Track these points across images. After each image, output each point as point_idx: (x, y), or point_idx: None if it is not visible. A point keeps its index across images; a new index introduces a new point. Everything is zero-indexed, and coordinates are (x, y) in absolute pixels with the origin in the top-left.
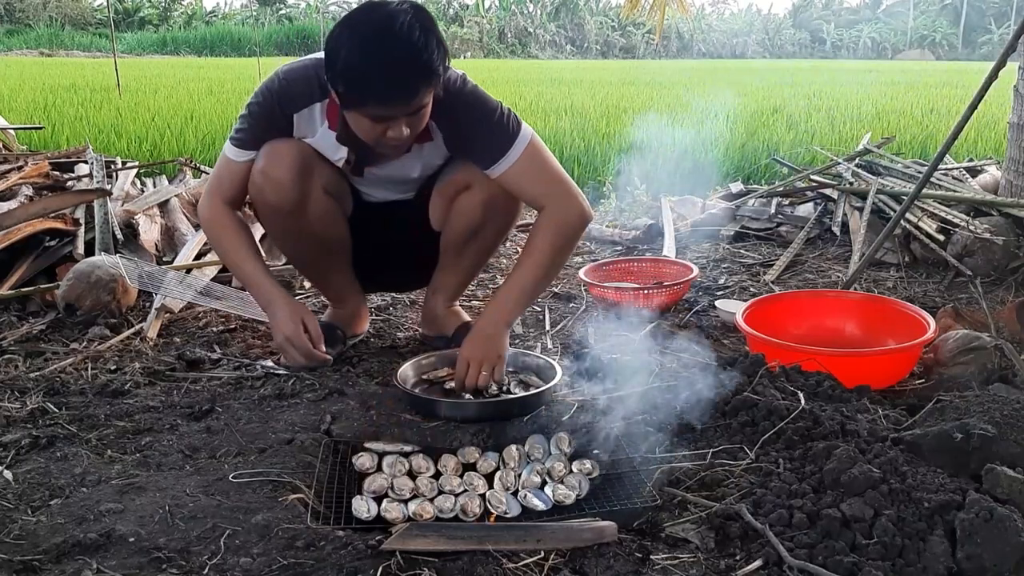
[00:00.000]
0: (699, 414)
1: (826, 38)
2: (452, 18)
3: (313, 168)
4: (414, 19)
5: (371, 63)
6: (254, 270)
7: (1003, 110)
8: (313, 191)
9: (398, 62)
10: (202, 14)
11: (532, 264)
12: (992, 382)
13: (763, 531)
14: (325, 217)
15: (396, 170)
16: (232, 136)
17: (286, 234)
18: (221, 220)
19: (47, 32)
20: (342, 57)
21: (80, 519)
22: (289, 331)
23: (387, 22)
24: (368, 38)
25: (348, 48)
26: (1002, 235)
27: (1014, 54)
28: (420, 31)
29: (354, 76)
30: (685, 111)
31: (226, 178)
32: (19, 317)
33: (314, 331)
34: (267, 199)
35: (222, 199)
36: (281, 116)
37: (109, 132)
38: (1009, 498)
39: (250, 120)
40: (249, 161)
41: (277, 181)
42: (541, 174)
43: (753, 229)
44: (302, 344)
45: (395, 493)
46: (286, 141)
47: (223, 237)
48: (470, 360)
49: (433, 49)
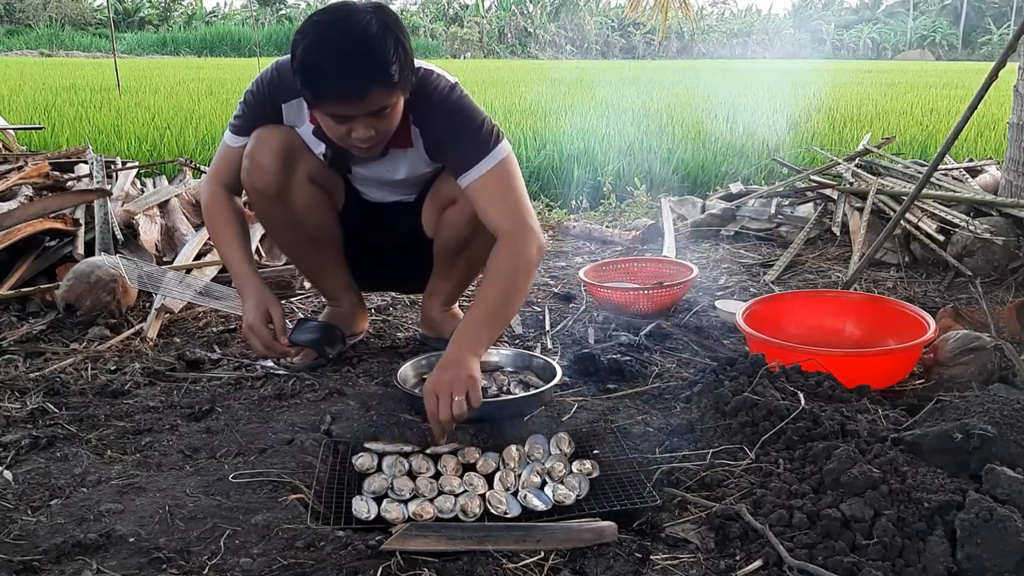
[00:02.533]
0: (699, 414)
1: (826, 38)
2: (452, 18)
3: (298, 156)
4: (375, 19)
5: (324, 60)
6: (235, 256)
7: (1003, 110)
8: (296, 178)
9: (350, 59)
10: (202, 14)
11: (492, 291)
12: (992, 382)
13: (763, 531)
14: (310, 205)
15: (380, 171)
16: (231, 123)
17: (272, 219)
18: (216, 204)
19: (47, 32)
20: (299, 53)
21: (80, 519)
22: (251, 319)
23: (345, 21)
24: (325, 35)
25: (305, 44)
26: (1002, 235)
27: (1014, 54)
28: (379, 31)
29: (309, 73)
30: (686, 111)
31: (223, 163)
32: (19, 317)
33: (278, 322)
34: (253, 182)
35: (220, 183)
36: (270, 106)
37: (109, 132)
38: (1009, 498)
39: (245, 108)
40: (243, 146)
41: (262, 165)
42: (505, 196)
43: (753, 229)
44: (261, 333)
45: (395, 493)
46: (276, 127)
47: (214, 220)
48: (437, 392)
49: (389, 49)
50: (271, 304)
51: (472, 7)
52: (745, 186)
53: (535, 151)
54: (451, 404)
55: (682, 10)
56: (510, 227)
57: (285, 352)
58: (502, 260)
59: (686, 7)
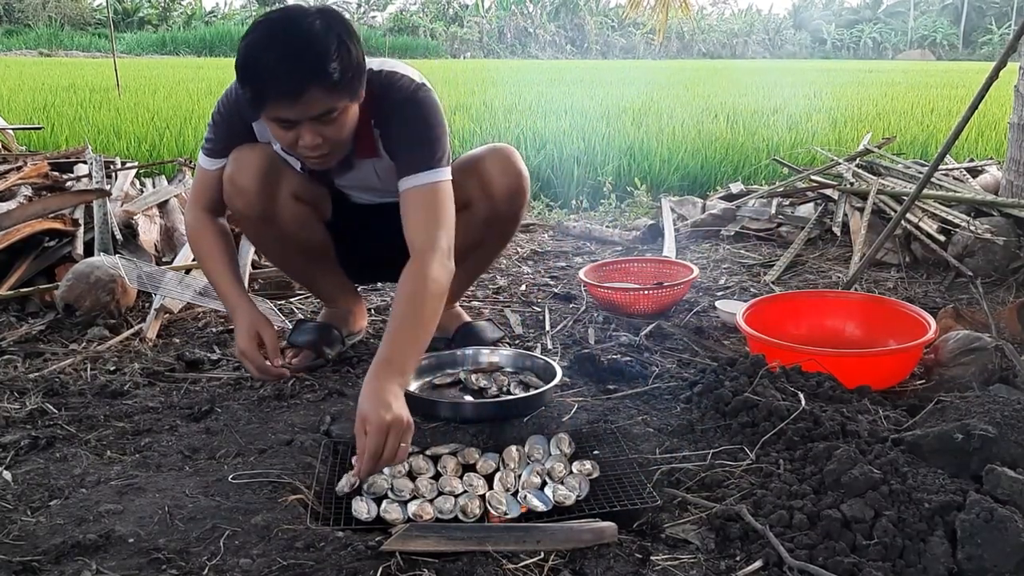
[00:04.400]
0: (699, 415)
1: (826, 38)
2: (452, 18)
3: (280, 174)
4: (321, 20)
5: (262, 56)
6: (222, 280)
7: (1004, 110)
8: (280, 197)
9: (289, 58)
10: (201, 14)
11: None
12: (993, 383)
13: (763, 532)
14: (297, 223)
15: (359, 179)
16: (203, 145)
17: (261, 239)
18: (199, 228)
19: (46, 32)
20: (240, 53)
21: (79, 520)
22: (243, 345)
23: (289, 20)
24: (266, 34)
25: (246, 43)
26: (1003, 235)
27: (1015, 54)
28: (322, 30)
29: (248, 71)
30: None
31: (202, 187)
32: (18, 317)
33: (270, 345)
34: (236, 206)
35: (201, 207)
36: (241, 124)
37: (108, 132)
38: (1010, 499)
39: (214, 129)
40: (220, 168)
41: (243, 189)
42: (433, 214)
43: (753, 229)
44: (255, 358)
45: (395, 494)
46: (253, 147)
47: (199, 245)
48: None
49: (332, 50)
50: (262, 327)
51: (472, 7)
52: (745, 186)
53: (535, 151)
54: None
55: (682, 10)
56: (422, 245)
57: (280, 375)
58: (409, 281)
59: (685, 7)
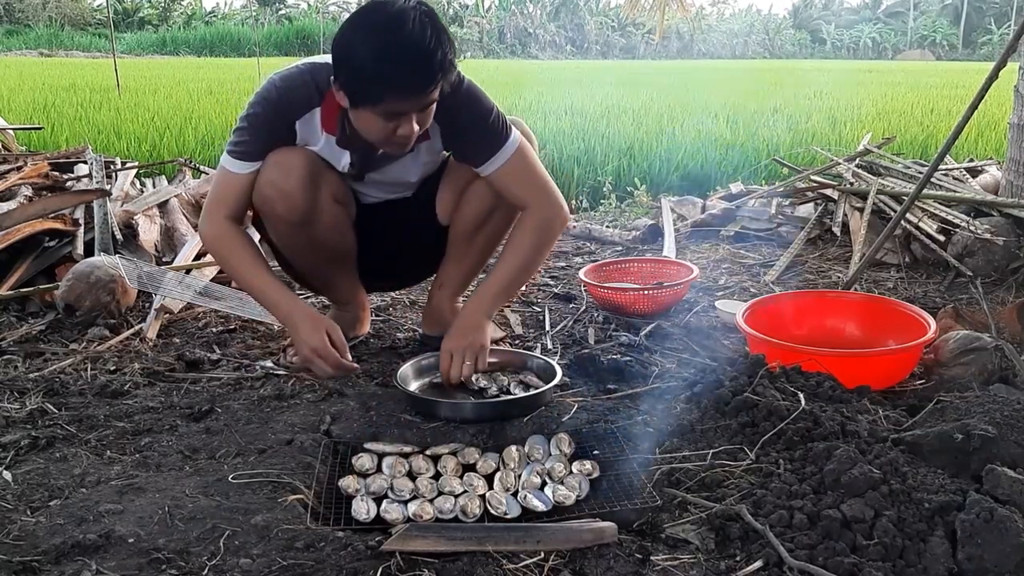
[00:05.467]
0: (699, 414)
1: (826, 38)
2: (452, 18)
3: (321, 177)
4: (423, 15)
5: (389, 58)
6: (268, 285)
7: (1004, 110)
8: (322, 201)
9: (416, 55)
10: (202, 14)
11: (514, 260)
12: (992, 383)
13: (763, 532)
14: (335, 226)
15: (395, 175)
16: (231, 149)
17: (295, 244)
18: (228, 238)
19: (47, 32)
20: (358, 55)
21: (79, 520)
22: (317, 343)
23: (399, 18)
24: (381, 35)
25: (363, 46)
26: (1003, 235)
27: (1015, 54)
28: (431, 26)
29: (371, 73)
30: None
31: (228, 193)
32: (18, 317)
33: (339, 341)
34: (276, 211)
35: (225, 215)
36: (283, 125)
37: (109, 132)
38: (1010, 499)
39: (250, 131)
40: (253, 174)
41: (287, 192)
42: (528, 176)
43: (753, 229)
44: (330, 355)
45: (395, 494)
46: (293, 150)
47: (232, 256)
48: (452, 351)
49: (445, 42)
50: (328, 325)
51: (472, 7)
52: (745, 186)
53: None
54: (462, 366)
55: (680, 10)
56: (535, 200)
57: (353, 369)
58: (527, 233)
59: (683, 7)
